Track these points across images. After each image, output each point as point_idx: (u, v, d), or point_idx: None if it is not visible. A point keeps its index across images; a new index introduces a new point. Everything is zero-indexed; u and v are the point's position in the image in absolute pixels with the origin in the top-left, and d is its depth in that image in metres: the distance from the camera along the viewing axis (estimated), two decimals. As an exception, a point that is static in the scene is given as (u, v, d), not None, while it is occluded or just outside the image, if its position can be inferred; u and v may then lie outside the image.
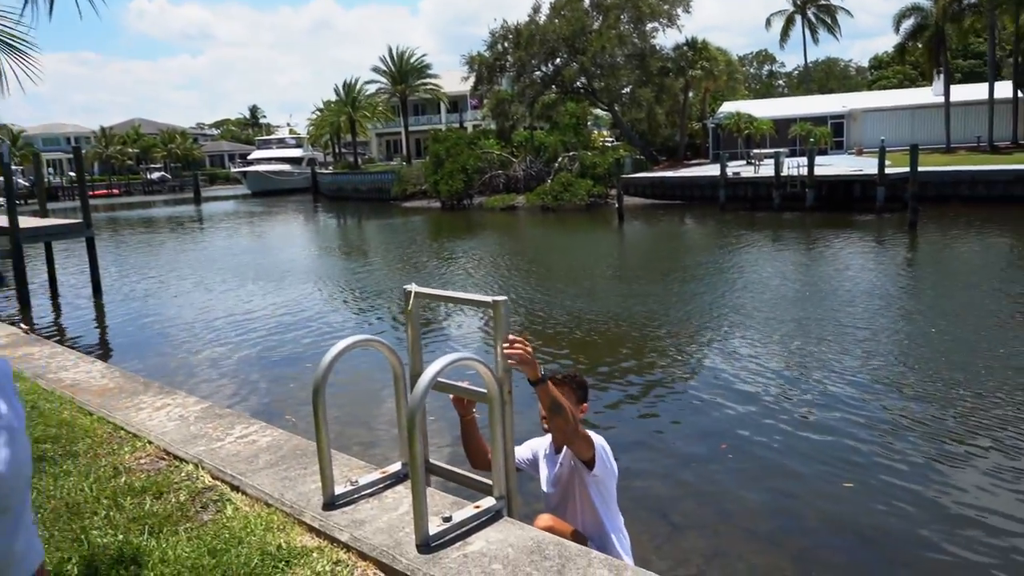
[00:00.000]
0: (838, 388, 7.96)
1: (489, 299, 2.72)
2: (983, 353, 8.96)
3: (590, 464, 3.14)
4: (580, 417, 3.38)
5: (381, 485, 3.06)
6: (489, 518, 2.75)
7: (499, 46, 43.44)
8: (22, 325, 7.76)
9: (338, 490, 2.95)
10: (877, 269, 15.60)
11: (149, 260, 22.90)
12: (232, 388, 8.95)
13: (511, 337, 2.72)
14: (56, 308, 15.30)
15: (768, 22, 57.15)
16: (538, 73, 42.92)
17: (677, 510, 5.58)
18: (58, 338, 12.21)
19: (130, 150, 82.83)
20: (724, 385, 8.30)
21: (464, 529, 2.66)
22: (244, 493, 3.16)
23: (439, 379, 2.67)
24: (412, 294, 2.97)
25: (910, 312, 11.56)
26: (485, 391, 2.74)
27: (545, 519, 3.14)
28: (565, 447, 3.24)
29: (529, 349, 2.77)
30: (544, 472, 3.45)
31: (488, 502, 2.78)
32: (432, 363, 2.58)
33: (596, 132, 54.79)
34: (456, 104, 60.51)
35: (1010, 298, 11.99)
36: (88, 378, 5.08)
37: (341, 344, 2.91)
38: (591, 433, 3.18)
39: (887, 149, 26.20)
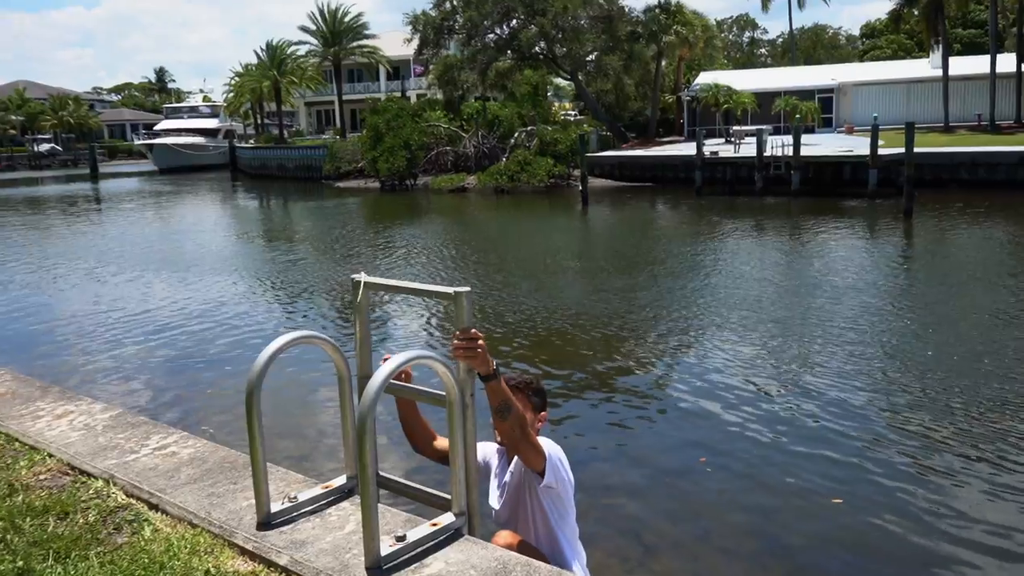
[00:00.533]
0: (825, 394, 8.15)
1: (451, 290, 2.74)
2: (985, 355, 9.25)
3: (541, 474, 3.20)
4: (539, 427, 3.43)
5: (324, 501, 3.06)
6: (448, 537, 2.77)
7: (447, 4, 43.34)
8: None
9: (274, 507, 2.95)
10: (869, 262, 15.99)
11: (36, 246, 22.37)
12: (139, 396, 8.82)
13: (463, 329, 2.76)
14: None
15: (750, -17, 57.99)
16: (491, 36, 42.95)
17: (650, 530, 5.67)
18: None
19: (13, 117, 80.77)
20: (700, 391, 8.44)
21: (420, 549, 2.69)
22: (164, 512, 3.14)
23: (392, 381, 2.68)
24: (361, 284, 2.97)
25: (905, 310, 11.88)
26: (444, 394, 2.76)
27: (505, 536, 3.18)
28: (515, 459, 3.29)
29: (482, 343, 2.81)
30: (493, 482, 3.51)
31: (446, 519, 2.80)
32: (384, 363, 2.60)
33: (557, 104, 55.08)
34: (397, 70, 60.28)
35: (1015, 295, 12.38)
36: (-27, 382, 4.97)
37: (279, 341, 2.90)
38: (544, 440, 3.24)
39: (880, 127, 26.83)
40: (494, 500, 3.47)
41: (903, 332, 10.57)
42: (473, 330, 2.79)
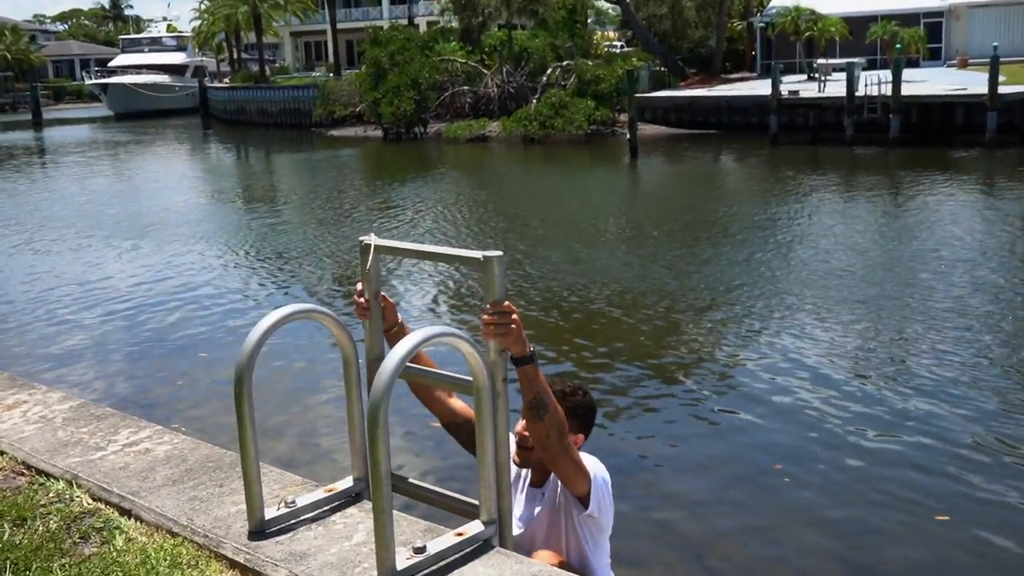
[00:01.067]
0: (925, 392, 8.12)
1: (479, 255, 2.77)
2: None
3: (584, 500, 3.22)
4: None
5: (328, 507, 3.14)
6: (475, 549, 2.82)
7: (461, -88, 43.15)
8: None
9: (268, 514, 3.02)
10: (984, 228, 15.81)
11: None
12: (98, 385, 8.99)
13: (494, 301, 2.75)
14: None
15: None
16: (520, -51, 42.72)
17: (714, 551, 5.72)
18: None
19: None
20: (772, 386, 8.44)
21: (443, 563, 2.74)
22: (139, 519, 3.23)
23: (408, 364, 2.73)
24: (372, 248, 3.02)
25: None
26: (471, 379, 2.81)
27: (546, 555, 3.24)
28: (550, 477, 3.32)
29: (516, 318, 2.81)
30: (518, 507, 3.47)
31: (474, 528, 2.86)
32: (399, 343, 2.64)
33: (600, 33, 54.77)
34: (402, -9, 60.12)
35: None
36: (-93, 368, 5.11)
37: (273, 315, 2.96)
38: (586, 457, 3.25)
39: (1001, 60, 26.40)
40: (516, 523, 3.36)
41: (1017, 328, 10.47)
42: (507, 303, 2.77)
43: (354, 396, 3.22)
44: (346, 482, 3.26)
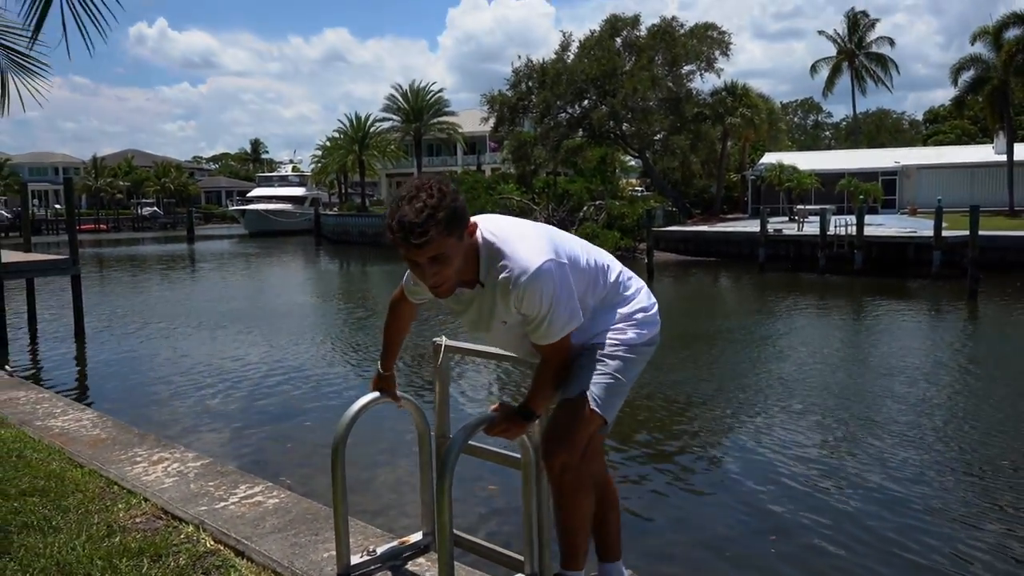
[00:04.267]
0: (896, 479, 7.87)
1: (528, 357, 2.77)
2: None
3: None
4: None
5: (401, 557, 3.08)
6: (519, 596, 2.76)
7: (523, 85, 44.34)
8: (7, 368, 7.87)
9: (354, 559, 2.97)
10: (935, 344, 15.50)
11: (136, 301, 23.15)
12: (227, 445, 8.98)
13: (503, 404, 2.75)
14: (35, 350, 15.46)
15: (814, 68, 57.96)
16: (564, 115, 43.65)
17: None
18: (40, 381, 12.33)
19: (121, 183, 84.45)
20: (762, 468, 8.20)
21: (492, 607, 2.67)
22: (250, 559, 3.18)
23: (470, 442, 2.70)
24: (443, 347, 3.02)
25: (975, 398, 11.43)
26: (519, 456, 2.77)
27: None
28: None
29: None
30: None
31: (518, 579, 2.79)
32: (463, 424, 2.62)
33: (625, 180, 55.34)
34: (474, 146, 61.46)
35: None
36: (79, 427, 5.14)
37: (363, 399, 2.97)
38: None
39: (943, 210, 26.28)
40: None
41: (965, 418, 10.19)
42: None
43: (425, 464, 3.18)
44: (417, 535, 3.20)
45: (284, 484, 7.16)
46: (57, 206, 74.78)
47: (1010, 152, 38.28)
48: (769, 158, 48.28)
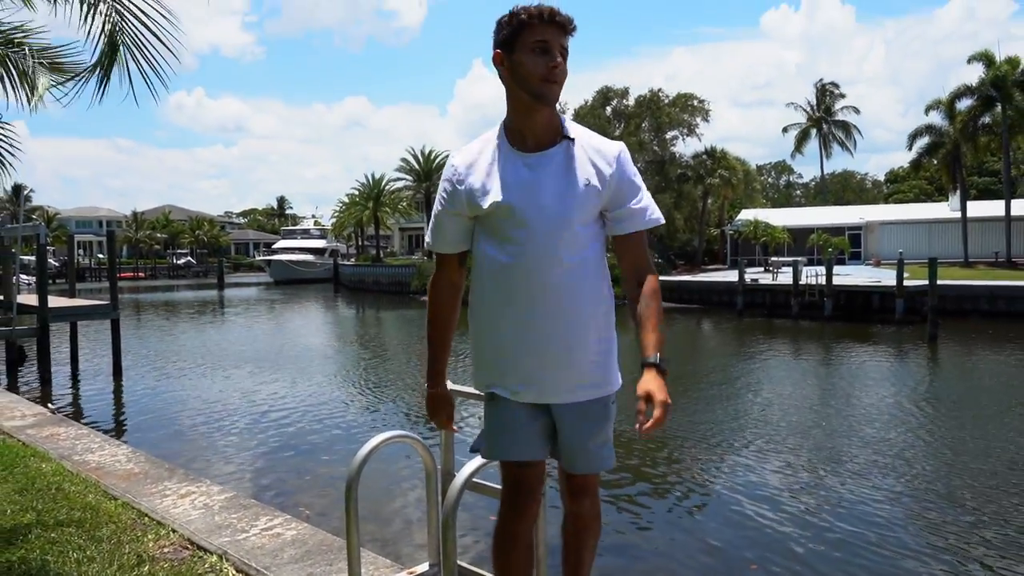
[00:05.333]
0: (860, 516, 7.78)
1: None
2: (1012, 485, 8.78)
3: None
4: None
5: (408, 586, 3.03)
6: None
7: (523, 148, 44.78)
8: (49, 405, 7.82)
9: (364, 589, 2.92)
10: (899, 386, 15.36)
11: (169, 343, 23.09)
12: (250, 478, 8.89)
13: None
14: (76, 388, 15.39)
15: (785, 129, 58.48)
16: (560, 176, 43.95)
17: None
18: (80, 418, 12.27)
19: (159, 235, 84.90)
20: (729, 506, 8.07)
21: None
22: (268, 587, 3.13)
23: (474, 479, 2.68)
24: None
25: (936, 436, 11.33)
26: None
27: None
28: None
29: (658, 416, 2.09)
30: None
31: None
32: (466, 464, 2.61)
33: (615, 234, 55.43)
34: (479, 203, 61.70)
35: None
36: (114, 461, 5.10)
37: (375, 440, 2.94)
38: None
39: (905, 261, 26.35)
40: None
41: (936, 458, 10.09)
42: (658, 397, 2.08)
43: (432, 499, 3.14)
44: (423, 566, 3.15)
45: (303, 516, 7.08)
46: (100, 255, 75.10)
47: (963, 210, 38.53)
48: (746, 214, 48.52)
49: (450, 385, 3.04)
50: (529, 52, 2.15)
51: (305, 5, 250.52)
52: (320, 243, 69.61)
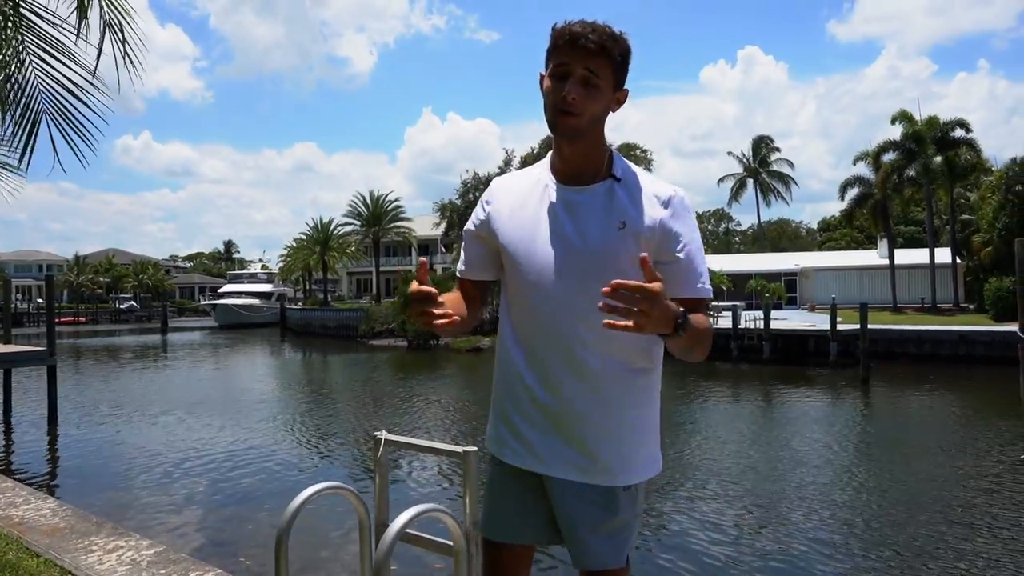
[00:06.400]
0: (802, 554, 7.84)
1: (460, 449, 2.72)
2: (936, 521, 8.96)
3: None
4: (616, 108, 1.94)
5: (339, 641, 2.93)
6: None
7: (470, 195, 45.04)
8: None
9: (294, 646, 2.81)
10: (832, 428, 15.67)
11: (108, 390, 22.32)
12: (187, 528, 8.57)
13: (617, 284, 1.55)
14: (8, 437, 14.73)
15: (720, 180, 60.04)
16: (507, 221, 44.22)
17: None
18: (7, 469, 11.71)
19: (101, 279, 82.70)
20: (677, 546, 8.13)
21: None
22: (194, 647, 3.00)
23: (407, 530, 2.61)
24: (383, 441, 2.95)
25: (869, 474, 11.56)
26: (451, 544, 2.68)
27: None
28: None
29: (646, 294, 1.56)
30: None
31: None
32: (399, 515, 2.54)
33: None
34: (427, 247, 61.78)
35: (966, 462, 12.09)
36: (39, 516, 4.86)
37: (306, 492, 2.86)
38: None
39: (838, 306, 27.06)
40: None
41: (867, 497, 10.27)
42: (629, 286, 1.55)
43: (365, 553, 3.06)
44: (355, 621, 3.05)
45: (244, 565, 6.84)
46: (39, 300, 72.63)
47: (891, 257, 39.89)
48: (687, 260, 49.35)
49: (387, 435, 2.99)
50: (551, 77, 1.85)
51: (257, 50, 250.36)
52: (267, 287, 68.58)
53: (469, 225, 2.11)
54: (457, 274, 2.15)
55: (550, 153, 2.01)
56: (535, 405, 1.97)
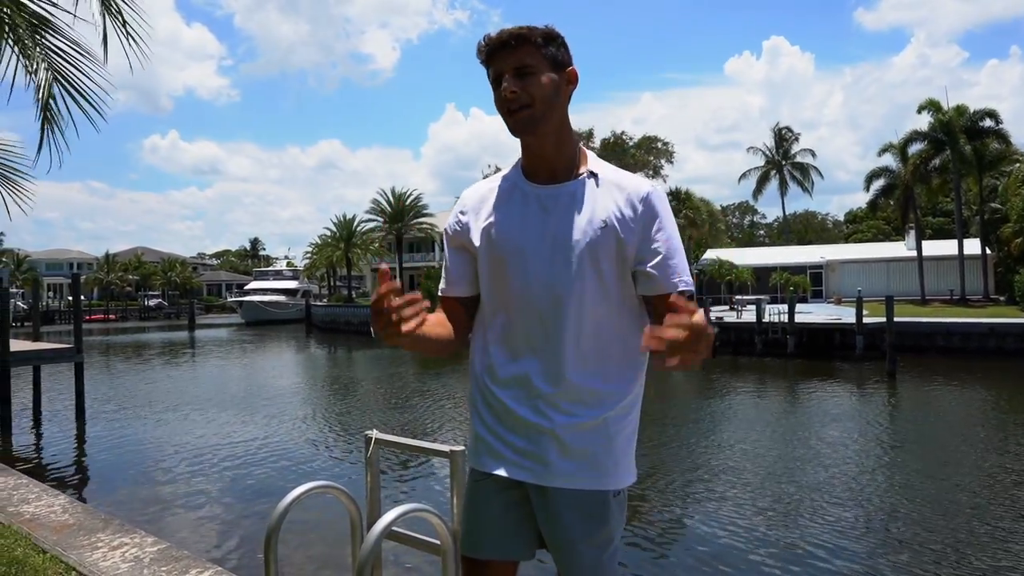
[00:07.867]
0: (831, 551, 7.74)
1: (446, 448, 2.69)
2: (965, 514, 8.80)
3: None
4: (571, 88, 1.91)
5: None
6: None
7: (493, 190, 45.09)
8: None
9: (284, 645, 2.80)
10: (860, 421, 15.46)
11: (136, 386, 22.62)
12: (191, 525, 8.63)
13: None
14: (37, 433, 14.98)
15: (742, 177, 59.48)
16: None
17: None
18: (35, 463, 11.95)
19: (131, 277, 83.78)
20: (700, 545, 8.06)
21: None
22: (188, 644, 3.00)
23: (393, 528, 2.59)
24: (372, 440, 2.94)
25: (898, 470, 11.36)
26: (439, 543, 2.66)
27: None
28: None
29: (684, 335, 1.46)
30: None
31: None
32: (385, 513, 2.52)
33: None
34: (450, 243, 61.78)
35: (996, 455, 11.86)
36: (49, 512, 4.91)
37: (297, 491, 2.85)
38: None
39: (864, 299, 26.69)
40: None
41: (898, 492, 10.11)
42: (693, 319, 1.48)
43: (356, 552, 3.04)
44: (347, 619, 3.04)
45: (256, 562, 6.88)
46: (70, 298, 73.82)
47: (919, 249, 39.25)
48: (711, 254, 49.07)
49: (377, 434, 2.98)
50: (493, 90, 1.85)
51: (281, 48, 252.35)
52: (292, 284, 69.12)
53: (447, 241, 2.04)
54: (440, 293, 2.04)
55: (518, 159, 1.97)
56: (518, 414, 1.90)
